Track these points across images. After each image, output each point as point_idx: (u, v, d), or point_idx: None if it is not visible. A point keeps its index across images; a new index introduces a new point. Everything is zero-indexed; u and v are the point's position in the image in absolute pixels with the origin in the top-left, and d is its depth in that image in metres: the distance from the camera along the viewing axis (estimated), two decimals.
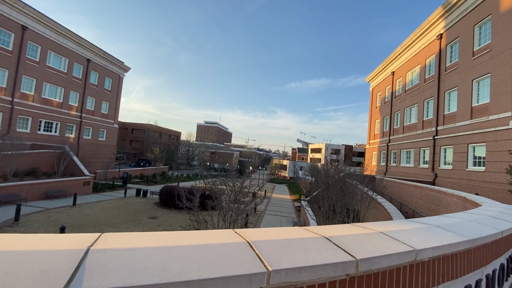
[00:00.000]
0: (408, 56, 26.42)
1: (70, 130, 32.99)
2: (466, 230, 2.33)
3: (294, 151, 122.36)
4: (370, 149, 35.81)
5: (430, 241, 1.78)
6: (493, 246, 2.48)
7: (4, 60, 24.39)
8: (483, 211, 4.06)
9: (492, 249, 2.47)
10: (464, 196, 8.24)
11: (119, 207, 19.24)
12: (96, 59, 35.99)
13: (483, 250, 2.26)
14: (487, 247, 2.35)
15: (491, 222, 3.03)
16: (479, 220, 3.04)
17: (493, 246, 2.49)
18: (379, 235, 1.75)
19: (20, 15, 25.16)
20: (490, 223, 2.99)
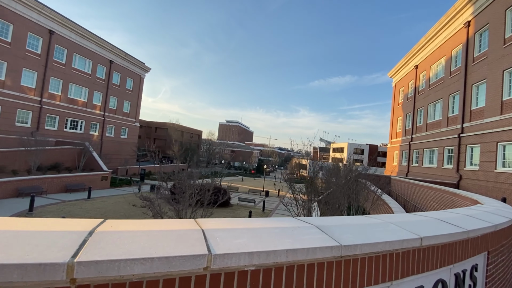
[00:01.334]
0: (432, 48, 24.38)
1: (94, 128, 34.93)
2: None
3: (315, 151, 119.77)
4: (392, 149, 33.77)
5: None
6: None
7: (34, 63, 26.34)
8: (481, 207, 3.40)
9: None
10: (476, 199, 7.27)
11: (131, 202, 19.88)
12: (118, 60, 37.72)
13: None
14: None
15: (485, 217, 2.82)
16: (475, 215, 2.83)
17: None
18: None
19: (47, 20, 27.02)
20: (485, 217, 2.79)
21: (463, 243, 2.16)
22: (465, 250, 2.21)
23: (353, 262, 1.50)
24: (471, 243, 2.30)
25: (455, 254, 2.13)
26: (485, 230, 2.45)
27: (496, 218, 2.93)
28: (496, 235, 2.70)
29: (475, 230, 2.28)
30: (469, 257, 2.30)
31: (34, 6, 25.21)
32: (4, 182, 16.68)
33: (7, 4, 23.09)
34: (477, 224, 2.45)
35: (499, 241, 2.85)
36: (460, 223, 2.32)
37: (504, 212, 3.49)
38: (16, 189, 17.19)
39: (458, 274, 2.20)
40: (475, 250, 2.36)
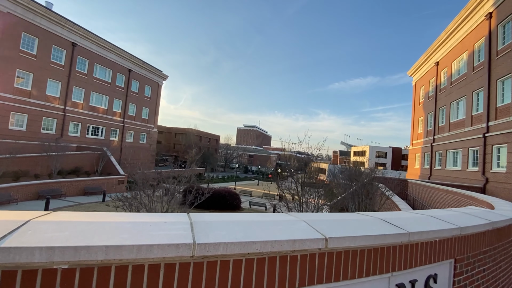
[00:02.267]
0: (453, 43, 22.86)
1: (114, 134, 36.52)
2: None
3: (335, 154, 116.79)
4: (413, 151, 31.93)
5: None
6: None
7: (58, 73, 28.16)
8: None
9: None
10: (491, 202, 6.50)
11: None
12: (137, 69, 39.37)
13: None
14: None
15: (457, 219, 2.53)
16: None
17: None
18: None
19: (70, 33, 28.86)
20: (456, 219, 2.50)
21: (403, 247, 1.79)
22: (410, 256, 1.84)
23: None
24: (422, 248, 1.91)
25: (394, 261, 1.77)
26: (443, 233, 2.04)
27: (473, 220, 2.47)
28: (465, 241, 2.27)
29: (423, 233, 1.89)
30: (420, 264, 1.91)
31: (58, 20, 27.05)
32: (26, 186, 17.78)
33: (32, 19, 24.98)
34: (434, 225, 2.05)
35: (475, 248, 2.40)
36: (404, 224, 1.95)
37: (494, 216, 2.98)
38: (37, 192, 18.26)
39: (402, 285, 1.83)
40: (428, 256, 1.96)
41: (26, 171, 20.34)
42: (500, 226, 2.77)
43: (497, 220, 2.64)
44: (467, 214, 2.71)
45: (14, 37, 23.93)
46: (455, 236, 2.17)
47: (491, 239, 2.65)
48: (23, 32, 24.73)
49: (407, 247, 1.82)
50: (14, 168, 19.67)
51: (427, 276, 1.99)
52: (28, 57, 25.29)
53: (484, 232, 2.53)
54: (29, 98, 25.74)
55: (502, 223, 2.76)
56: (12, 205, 16.28)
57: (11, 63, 23.92)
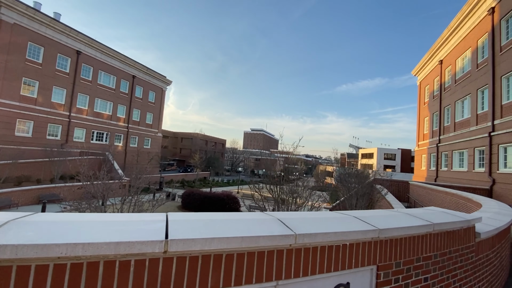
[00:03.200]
0: (457, 40, 22.18)
1: (118, 139, 37.08)
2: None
3: (343, 157, 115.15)
4: (419, 152, 31.00)
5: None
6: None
7: (63, 81, 28.88)
8: None
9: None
10: (482, 203, 6.12)
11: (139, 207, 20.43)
12: (141, 75, 40.02)
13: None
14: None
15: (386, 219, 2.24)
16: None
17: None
18: None
19: (75, 42, 29.64)
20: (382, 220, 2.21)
21: (284, 252, 1.57)
22: (303, 261, 1.62)
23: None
24: (322, 252, 1.68)
25: (279, 267, 1.55)
26: (356, 236, 1.80)
27: (409, 221, 2.21)
28: (393, 245, 2.02)
29: (324, 235, 1.66)
30: (322, 272, 1.68)
31: (63, 29, 27.84)
32: (27, 190, 18.12)
33: (38, 29, 25.78)
34: (346, 227, 1.82)
35: (411, 253, 2.14)
36: (298, 225, 1.72)
37: (450, 217, 2.69)
38: (38, 197, 18.58)
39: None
40: (334, 262, 1.73)
41: (29, 176, 20.78)
42: (450, 229, 2.49)
43: (442, 221, 2.36)
44: (409, 215, 2.44)
45: (20, 47, 24.74)
46: (376, 239, 1.93)
47: (437, 243, 2.37)
48: (29, 42, 25.54)
49: (298, 251, 1.59)
50: (17, 173, 20.14)
51: (336, 286, 1.76)
52: (34, 65, 26.07)
53: (425, 235, 2.27)
54: (35, 105, 26.45)
55: (452, 225, 2.48)
56: (13, 209, 16.57)
57: (18, 71, 24.69)
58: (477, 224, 3.18)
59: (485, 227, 3.18)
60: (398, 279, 2.07)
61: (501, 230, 3.55)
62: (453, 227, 2.52)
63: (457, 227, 2.59)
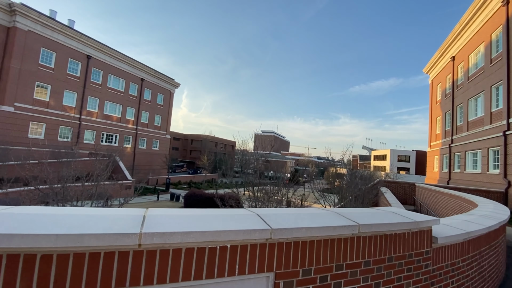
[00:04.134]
0: (469, 35, 21.05)
1: (127, 141, 37.88)
2: None
3: (355, 159, 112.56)
4: (432, 153, 29.65)
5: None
6: None
7: (74, 84, 29.85)
8: None
9: None
10: (476, 202, 5.57)
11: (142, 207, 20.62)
12: (149, 78, 40.81)
13: None
14: None
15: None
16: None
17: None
18: None
19: (85, 47, 30.60)
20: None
21: (129, 253, 1.31)
22: (146, 266, 1.35)
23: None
24: (175, 255, 1.40)
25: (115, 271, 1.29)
26: (236, 236, 1.51)
27: (328, 221, 1.88)
28: (292, 249, 1.70)
29: (183, 234, 1.38)
30: (188, 279, 1.40)
31: (73, 35, 28.82)
32: (31, 191, 18.71)
33: (50, 35, 26.81)
34: (221, 225, 1.53)
35: (328, 259, 1.82)
36: (165, 222, 1.45)
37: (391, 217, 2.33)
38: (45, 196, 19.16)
39: None
40: (205, 267, 1.44)
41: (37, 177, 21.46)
42: (389, 232, 2.13)
43: (372, 222, 2.02)
44: (337, 214, 2.10)
45: (34, 52, 25.79)
46: (272, 242, 1.63)
47: (368, 248, 2.03)
48: (42, 48, 26.59)
49: (140, 253, 1.33)
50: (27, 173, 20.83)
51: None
52: (47, 70, 27.09)
53: (349, 238, 1.93)
54: (47, 108, 27.45)
55: (390, 227, 2.12)
56: None
57: (31, 76, 25.73)
58: (437, 227, 2.77)
59: (449, 231, 2.76)
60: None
61: (476, 235, 3.11)
62: (393, 229, 2.16)
63: (401, 230, 2.22)
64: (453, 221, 3.29)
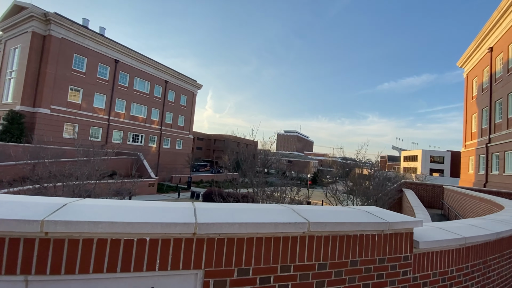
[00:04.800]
0: (509, 22, 19.06)
1: (152, 141, 39.56)
2: None
3: (383, 160, 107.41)
4: (466, 154, 27.31)
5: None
6: None
7: (103, 87, 31.81)
8: None
9: None
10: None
11: None
12: (173, 80, 42.28)
13: None
14: None
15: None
16: None
17: None
18: None
19: (113, 52, 32.48)
20: None
21: (35, 241, 1.26)
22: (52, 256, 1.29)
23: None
24: (83, 246, 1.34)
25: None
26: (153, 228, 1.41)
27: (272, 217, 1.72)
28: (226, 245, 1.57)
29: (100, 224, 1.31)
30: (100, 271, 1.33)
31: (102, 41, 30.72)
32: (64, 186, 20.18)
33: (82, 42, 28.81)
34: (141, 217, 1.43)
35: (264, 260, 1.66)
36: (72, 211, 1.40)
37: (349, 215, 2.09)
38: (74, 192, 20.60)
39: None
40: (121, 261, 1.36)
41: (69, 174, 23.17)
42: (352, 232, 1.90)
43: (326, 221, 1.81)
44: (293, 211, 1.91)
45: (67, 59, 27.90)
46: (200, 237, 1.51)
47: (324, 248, 1.82)
48: (75, 54, 28.67)
49: (47, 241, 1.28)
50: (60, 171, 22.56)
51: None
52: (79, 74, 29.16)
53: (298, 237, 1.75)
54: (79, 110, 29.54)
55: (352, 226, 1.89)
56: None
57: (65, 80, 27.86)
58: (427, 231, 2.45)
59: (437, 235, 2.43)
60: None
61: (479, 241, 2.71)
62: (357, 229, 1.92)
63: (369, 231, 1.98)
64: (452, 225, 2.91)
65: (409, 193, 15.08)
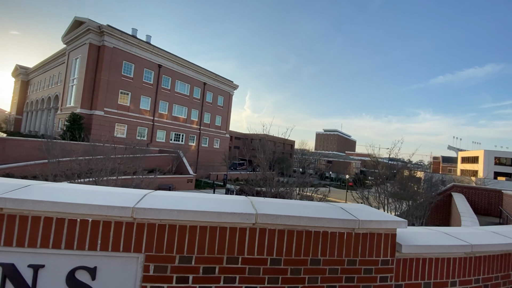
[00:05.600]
0: None
1: (192, 140, 41.78)
2: None
3: (436, 161, 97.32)
4: None
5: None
6: None
7: (149, 91, 34.60)
8: None
9: None
10: None
11: None
12: (210, 81, 44.05)
13: None
14: None
15: None
16: None
17: None
18: None
19: (157, 57, 35.11)
20: None
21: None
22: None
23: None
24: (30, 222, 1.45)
25: None
26: (93, 210, 1.48)
27: (219, 206, 1.67)
28: (167, 232, 1.57)
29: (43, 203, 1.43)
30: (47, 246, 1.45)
31: (147, 48, 33.43)
32: (113, 180, 22.47)
33: (130, 50, 31.73)
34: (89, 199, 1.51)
35: (208, 249, 1.62)
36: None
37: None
38: (122, 186, 22.87)
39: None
40: (66, 239, 1.47)
41: (118, 169, 25.82)
42: (313, 228, 1.75)
43: (276, 213, 1.69)
44: (249, 202, 1.84)
45: (118, 65, 31.00)
46: (140, 222, 1.54)
47: (277, 244, 1.72)
48: (124, 61, 31.71)
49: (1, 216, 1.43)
50: (111, 166, 25.25)
51: (75, 268, 1.49)
52: (127, 79, 32.18)
53: (247, 229, 1.68)
54: (128, 111, 32.58)
55: (311, 221, 1.74)
56: None
57: (116, 85, 30.99)
58: (409, 233, 2.15)
59: (433, 240, 2.11)
60: (187, 278, 1.59)
61: (495, 251, 2.28)
62: (319, 225, 1.76)
63: (335, 228, 1.80)
64: (462, 231, 2.50)
65: (458, 198, 13.43)
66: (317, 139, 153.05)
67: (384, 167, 61.84)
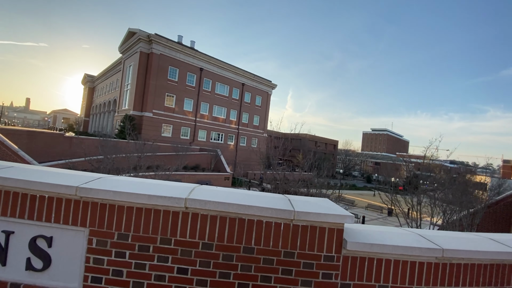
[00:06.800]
0: None
1: (231, 139, 43.18)
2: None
3: (505, 165, 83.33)
4: None
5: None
6: None
7: (191, 93, 36.85)
8: None
9: None
10: None
11: None
12: (249, 82, 44.92)
13: None
14: None
15: None
16: None
17: None
18: None
19: (199, 61, 37.18)
20: None
21: None
22: None
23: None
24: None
25: None
26: (49, 187, 1.73)
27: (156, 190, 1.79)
28: (108, 211, 1.75)
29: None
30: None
31: (190, 52, 35.63)
32: (158, 175, 24.51)
33: (174, 55, 34.22)
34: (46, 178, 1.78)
35: (143, 229, 1.77)
36: None
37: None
38: (167, 180, 24.89)
39: None
40: (28, 212, 1.76)
41: (162, 166, 28.13)
42: (246, 216, 1.77)
43: (205, 199, 1.75)
44: (202, 189, 1.92)
45: (164, 71, 33.71)
46: (86, 199, 1.76)
47: (209, 229, 1.78)
48: (169, 66, 34.33)
49: None
50: (156, 163, 27.69)
51: (35, 236, 1.77)
52: (172, 83, 34.77)
53: (176, 213, 1.77)
54: (173, 113, 35.17)
55: (233, 208, 1.76)
56: None
57: (162, 89, 33.73)
58: (374, 232, 1.97)
59: (397, 240, 1.91)
60: (124, 253, 1.76)
61: (486, 259, 1.97)
62: (249, 212, 1.75)
63: (269, 217, 1.78)
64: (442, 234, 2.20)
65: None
66: (364, 139, 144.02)
67: (442, 171, 55.06)
